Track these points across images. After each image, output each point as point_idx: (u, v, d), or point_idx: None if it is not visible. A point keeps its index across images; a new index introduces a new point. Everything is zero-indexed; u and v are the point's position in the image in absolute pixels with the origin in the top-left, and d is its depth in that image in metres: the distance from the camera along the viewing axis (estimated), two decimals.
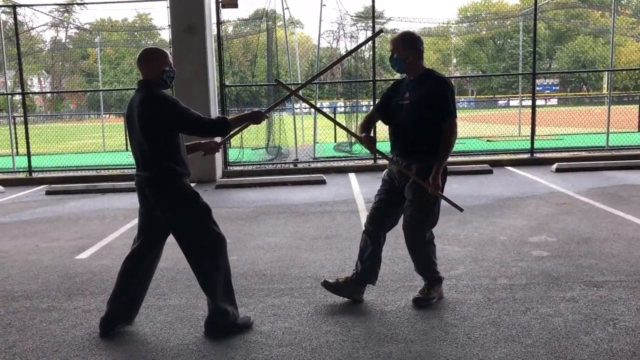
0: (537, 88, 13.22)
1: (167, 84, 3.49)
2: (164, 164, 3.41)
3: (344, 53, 16.49)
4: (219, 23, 11.03)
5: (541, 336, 3.38)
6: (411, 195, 3.82)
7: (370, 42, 11.47)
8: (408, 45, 3.80)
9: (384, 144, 4.47)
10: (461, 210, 4.12)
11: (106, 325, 3.62)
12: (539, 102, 14.04)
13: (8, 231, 6.85)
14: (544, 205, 7.11)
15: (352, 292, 4.01)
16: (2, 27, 16.41)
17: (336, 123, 4.67)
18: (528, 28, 20.25)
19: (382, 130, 4.59)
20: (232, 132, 3.84)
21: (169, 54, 3.54)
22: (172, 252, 5.46)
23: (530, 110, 11.72)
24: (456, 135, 3.80)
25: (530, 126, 11.54)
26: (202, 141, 3.81)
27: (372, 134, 4.14)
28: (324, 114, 4.71)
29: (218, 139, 4.06)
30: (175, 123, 3.37)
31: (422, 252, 3.94)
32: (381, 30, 3.89)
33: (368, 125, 4.07)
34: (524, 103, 18.74)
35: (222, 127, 3.50)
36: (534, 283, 4.29)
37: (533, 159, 11.17)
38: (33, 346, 3.51)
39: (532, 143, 11.40)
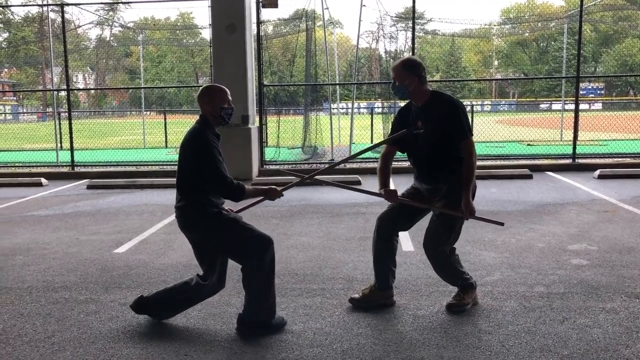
0: (581, 92, 12.92)
1: (225, 120, 3.59)
2: (192, 196, 3.51)
3: (383, 54, 16.41)
4: (259, 23, 11.12)
5: (578, 347, 3.29)
6: (438, 211, 3.79)
7: (410, 43, 11.37)
8: (409, 73, 3.72)
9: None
10: (502, 224, 4.05)
11: (142, 305, 3.74)
12: (582, 106, 13.69)
13: (50, 223, 7.06)
14: (585, 213, 6.92)
15: (380, 299, 3.97)
16: (50, 25, 16.92)
17: (353, 189, 4.35)
18: (573, 30, 19.76)
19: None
20: (245, 206, 3.89)
21: (228, 92, 3.63)
22: None
23: (573, 115, 11.44)
24: (476, 155, 3.72)
25: (572, 131, 11.26)
26: None
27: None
28: (342, 186, 4.38)
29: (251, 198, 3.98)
30: (203, 163, 3.43)
31: (446, 265, 3.90)
32: (405, 131, 3.79)
33: (386, 168, 3.94)
34: (566, 107, 18.30)
35: (238, 193, 3.49)
36: (572, 292, 4.17)
37: (575, 165, 10.90)
38: (71, 337, 3.60)
39: (574, 148, 11.12)
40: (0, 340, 3.55)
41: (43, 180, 10.51)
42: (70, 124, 12.03)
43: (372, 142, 15.71)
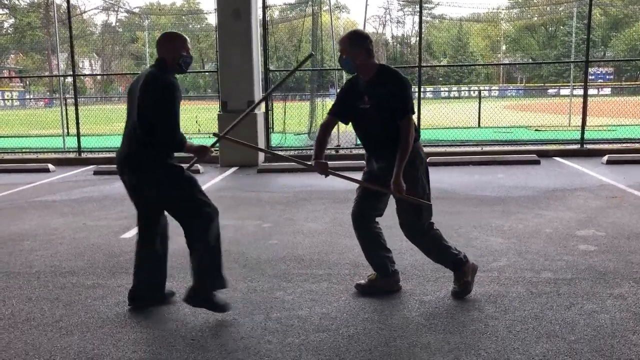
0: (590, 77, 12.79)
1: (182, 69, 3.50)
2: (150, 143, 3.38)
3: (390, 39, 16.27)
4: (265, 7, 11.05)
5: (586, 333, 3.27)
6: (396, 198, 3.72)
7: (417, 27, 11.25)
8: (356, 45, 3.63)
9: None
10: (429, 205, 3.82)
11: (135, 297, 3.75)
12: (591, 91, 13.56)
13: (58, 209, 7.09)
14: (593, 198, 6.88)
15: (386, 285, 3.95)
16: (55, 10, 16.88)
17: (286, 158, 4.23)
18: (582, 14, 19.53)
19: None
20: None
21: (188, 40, 3.56)
22: None
23: (582, 100, 11.34)
24: (413, 135, 3.63)
25: (580, 116, 11.17)
26: None
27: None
28: (243, 144, 4.25)
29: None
30: (157, 108, 3.32)
31: (429, 242, 3.84)
32: (312, 54, 3.75)
33: (324, 139, 3.85)
34: (575, 92, 18.14)
35: (179, 147, 3.42)
36: (579, 278, 4.15)
37: (583, 150, 10.82)
38: (78, 321, 3.62)
39: (583, 133, 11.04)
40: (8, 325, 3.58)
41: (50, 166, 10.55)
42: (76, 110, 12.04)
43: None
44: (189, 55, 3.54)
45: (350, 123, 3.91)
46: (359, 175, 3.96)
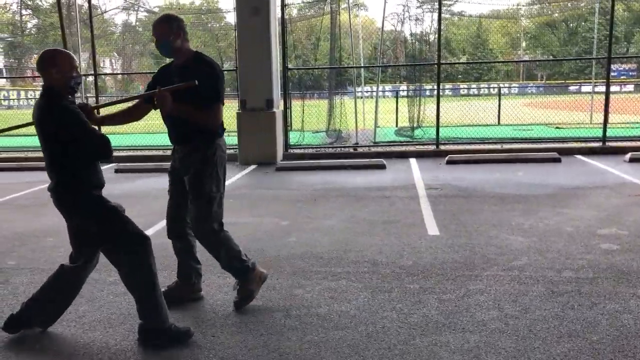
0: (612, 73, 12.58)
1: (75, 90, 3.17)
2: (65, 175, 3.20)
3: (408, 37, 16.18)
4: (283, 6, 11.07)
5: (608, 333, 3.24)
6: (189, 187, 3.63)
7: (436, 25, 11.17)
8: (171, 28, 3.53)
9: None
10: (194, 84, 3.42)
11: (15, 323, 3.43)
12: (613, 88, 13.36)
13: None
14: (615, 197, 6.78)
15: (184, 293, 3.89)
16: (77, 11, 17.10)
17: None
18: (604, 10, 19.25)
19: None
20: None
21: (74, 57, 3.18)
22: (232, 232, 5.57)
23: (603, 97, 11.18)
24: (215, 122, 3.55)
25: (602, 113, 11.01)
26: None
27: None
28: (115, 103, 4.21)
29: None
30: (70, 137, 3.06)
31: (217, 244, 3.69)
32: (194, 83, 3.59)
33: (124, 112, 3.79)
34: (597, 89, 17.87)
35: (107, 141, 3.12)
36: (601, 277, 4.10)
37: (605, 148, 10.67)
38: (101, 317, 3.67)
39: (605, 131, 10.89)
40: None
41: None
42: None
43: (397, 126, 15.59)
44: (79, 74, 3.19)
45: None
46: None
